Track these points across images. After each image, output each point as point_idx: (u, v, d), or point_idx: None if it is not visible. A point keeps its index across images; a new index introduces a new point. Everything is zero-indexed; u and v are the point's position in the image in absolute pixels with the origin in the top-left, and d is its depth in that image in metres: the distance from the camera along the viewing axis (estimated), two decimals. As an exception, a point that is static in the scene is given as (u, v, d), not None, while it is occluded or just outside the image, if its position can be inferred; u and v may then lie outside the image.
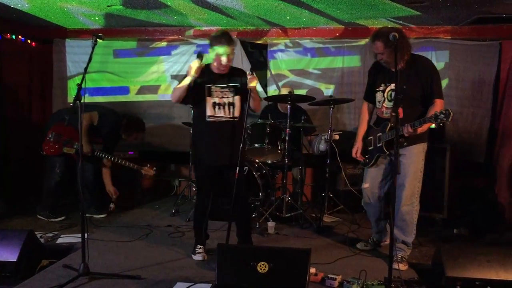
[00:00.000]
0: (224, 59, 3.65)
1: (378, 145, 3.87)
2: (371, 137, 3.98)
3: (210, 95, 3.77)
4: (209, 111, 3.78)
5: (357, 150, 4.05)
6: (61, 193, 5.31)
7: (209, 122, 3.79)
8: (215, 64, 3.73)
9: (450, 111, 3.33)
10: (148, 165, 5.17)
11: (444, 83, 6.02)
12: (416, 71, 3.67)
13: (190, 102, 3.94)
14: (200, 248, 3.91)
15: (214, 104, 3.77)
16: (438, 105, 3.66)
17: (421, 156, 3.80)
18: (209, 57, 3.76)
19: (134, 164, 5.14)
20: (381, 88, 3.88)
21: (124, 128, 5.32)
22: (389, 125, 3.78)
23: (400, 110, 3.54)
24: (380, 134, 3.87)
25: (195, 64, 3.67)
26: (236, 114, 3.81)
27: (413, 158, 3.75)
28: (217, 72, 3.77)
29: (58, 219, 5.11)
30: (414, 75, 3.66)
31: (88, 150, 4.98)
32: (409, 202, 3.79)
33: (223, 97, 3.78)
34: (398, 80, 3.36)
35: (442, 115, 3.35)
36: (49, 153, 5.09)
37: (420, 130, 3.60)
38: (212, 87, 3.76)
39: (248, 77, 3.63)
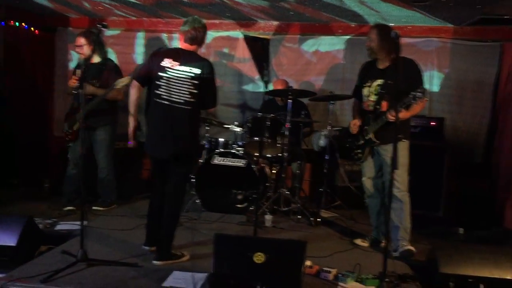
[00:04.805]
0: None
1: (367, 137, 4.05)
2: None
3: None
4: None
5: (355, 123, 4.17)
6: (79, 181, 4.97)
7: None
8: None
9: (425, 88, 3.47)
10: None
11: (445, 82, 6.06)
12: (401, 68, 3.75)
13: None
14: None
15: None
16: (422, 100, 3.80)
17: (405, 151, 3.92)
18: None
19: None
20: (368, 84, 4.08)
21: None
22: (371, 117, 3.99)
23: (385, 104, 3.84)
24: (366, 127, 4.06)
25: None
26: None
27: (399, 153, 3.79)
28: None
29: (66, 208, 5.01)
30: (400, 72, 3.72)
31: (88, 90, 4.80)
32: (403, 190, 3.91)
33: None
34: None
35: (419, 93, 3.50)
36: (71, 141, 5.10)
37: (403, 114, 3.68)
38: None
39: None
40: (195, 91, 3.52)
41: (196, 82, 3.52)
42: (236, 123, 5.41)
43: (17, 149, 5.96)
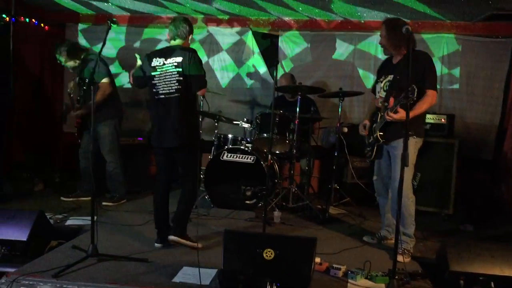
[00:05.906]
0: None
1: (374, 135, 4.00)
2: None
3: None
4: None
5: (364, 125, 4.15)
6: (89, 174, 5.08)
7: None
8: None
9: (414, 87, 3.29)
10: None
11: (455, 79, 6.02)
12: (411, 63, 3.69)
13: None
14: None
15: None
16: (429, 96, 3.74)
17: (413, 149, 3.81)
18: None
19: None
20: (380, 79, 4.04)
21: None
22: (379, 114, 3.93)
23: (392, 100, 3.72)
24: (374, 125, 4.01)
25: None
26: None
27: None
28: None
29: (66, 199, 5.21)
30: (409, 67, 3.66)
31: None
32: (404, 194, 3.75)
33: None
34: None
35: (409, 93, 3.36)
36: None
37: (399, 115, 3.62)
38: None
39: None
40: (180, 78, 3.68)
41: (180, 69, 3.67)
42: (245, 119, 5.42)
43: (25, 144, 5.99)
